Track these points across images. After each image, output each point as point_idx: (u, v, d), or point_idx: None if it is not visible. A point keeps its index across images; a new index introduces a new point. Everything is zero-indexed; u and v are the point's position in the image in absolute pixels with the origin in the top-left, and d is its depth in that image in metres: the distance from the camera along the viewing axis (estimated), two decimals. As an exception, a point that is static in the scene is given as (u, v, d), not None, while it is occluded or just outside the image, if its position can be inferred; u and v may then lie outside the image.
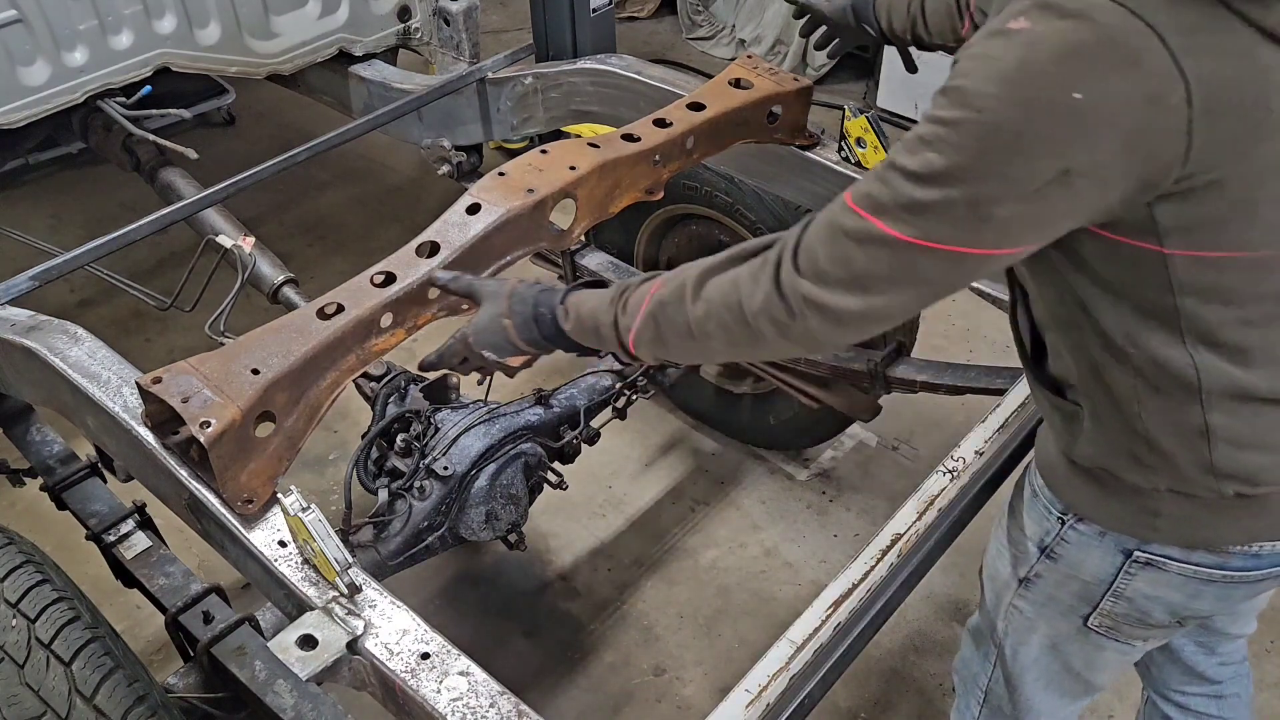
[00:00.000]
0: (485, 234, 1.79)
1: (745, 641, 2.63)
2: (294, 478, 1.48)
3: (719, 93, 2.11)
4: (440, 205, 1.87)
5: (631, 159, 1.95)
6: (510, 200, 1.83)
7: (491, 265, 1.86)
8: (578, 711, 2.48)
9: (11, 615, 1.36)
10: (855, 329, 1.16)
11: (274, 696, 1.30)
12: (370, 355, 1.68)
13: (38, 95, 2.54)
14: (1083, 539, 1.40)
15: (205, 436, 1.41)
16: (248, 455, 1.49)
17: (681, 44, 5.51)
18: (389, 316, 1.70)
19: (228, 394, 1.47)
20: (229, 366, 1.51)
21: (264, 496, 1.49)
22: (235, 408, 1.45)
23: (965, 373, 2.11)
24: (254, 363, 1.52)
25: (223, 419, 1.43)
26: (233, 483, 1.48)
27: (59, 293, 3.61)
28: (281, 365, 1.53)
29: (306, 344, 1.57)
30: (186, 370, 1.50)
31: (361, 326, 1.65)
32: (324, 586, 1.40)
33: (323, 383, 1.61)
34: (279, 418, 1.54)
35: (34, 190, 4.06)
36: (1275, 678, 2.54)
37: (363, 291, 1.69)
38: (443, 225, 1.81)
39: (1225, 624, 1.70)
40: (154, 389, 1.48)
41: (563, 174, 1.87)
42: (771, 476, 3.08)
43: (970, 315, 3.55)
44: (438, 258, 1.75)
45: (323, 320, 1.62)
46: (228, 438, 1.44)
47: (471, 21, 3.00)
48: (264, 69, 2.93)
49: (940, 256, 1.07)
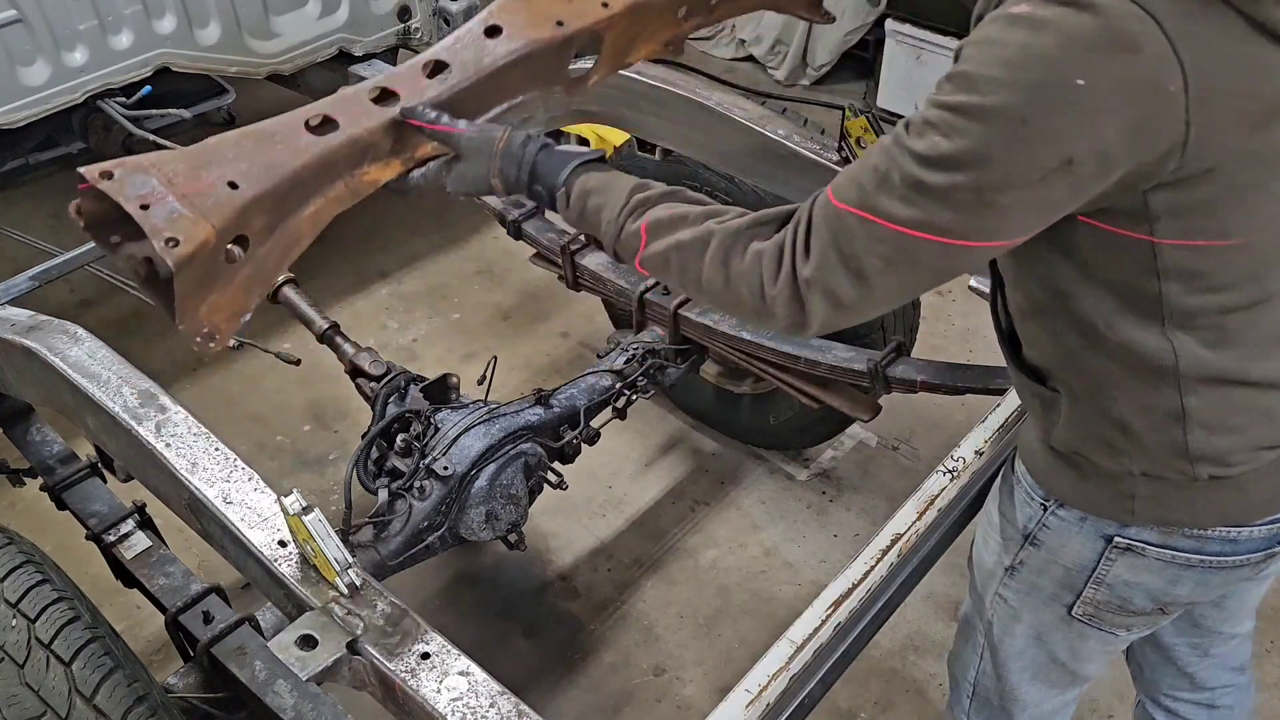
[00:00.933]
0: (503, 65, 1.55)
1: (745, 641, 2.63)
2: (294, 478, 1.48)
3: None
4: (441, 205, 1.85)
5: (661, 4, 1.76)
6: (536, 30, 1.59)
7: (501, 103, 1.61)
8: (578, 711, 2.48)
9: (11, 615, 1.36)
10: (854, 314, 1.17)
11: (274, 696, 1.30)
12: (360, 185, 1.45)
13: (38, 95, 2.54)
14: (1063, 524, 1.41)
15: (173, 258, 1.16)
16: (212, 283, 1.26)
17: (681, 44, 5.50)
18: (387, 141, 1.46)
19: (198, 207, 1.22)
20: (200, 174, 1.26)
21: (227, 334, 1.30)
22: (208, 226, 1.21)
23: (965, 373, 2.11)
24: (231, 174, 1.28)
25: (193, 238, 1.19)
26: (192, 314, 1.25)
27: (59, 293, 3.61)
28: (263, 182, 1.29)
29: (293, 160, 1.34)
30: (145, 168, 1.24)
31: (356, 149, 1.41)
32: (324, 586, 1.40)
33: (305, 210, 1.38)
34: (252, 244, 1.31)
35: (34, 190, 4.05)
36: (1275, 678, 2.54)
37: (359, 106, 1.45)
38: (455, 44, 1.56)
39: (1216, 621, 1.70)
40: (104, 185, 1.21)
41: (595, 8, 1.65)
42: (771, 476, 3.08)
43: (970, 315, 3.55)
44: (446, 81, 1.51)
45: (312, 135, 1.39)
46: (196, 262, 1.20)
47: (471, 21, 3.01)
48: (264, 69, 2.93)
49: (938, 245, 1.08)
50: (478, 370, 2.33)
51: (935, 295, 3.55)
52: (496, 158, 1.37)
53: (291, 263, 1.38)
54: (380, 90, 1.48)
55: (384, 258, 3.94)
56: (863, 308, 1.15)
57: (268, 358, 2.41)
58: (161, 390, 1.67)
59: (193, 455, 1.56)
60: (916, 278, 1.13)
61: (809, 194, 2.04)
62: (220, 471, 1.54)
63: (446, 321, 3.68)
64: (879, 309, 1.17)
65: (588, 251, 2.69)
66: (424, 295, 3.79)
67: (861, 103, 4.72)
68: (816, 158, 2.20)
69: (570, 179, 1.33)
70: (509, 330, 3.63)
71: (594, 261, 2.66)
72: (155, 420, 1.62)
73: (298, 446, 3.16)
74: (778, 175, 2.30)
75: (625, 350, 2.42)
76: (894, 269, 1.11)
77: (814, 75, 5.04)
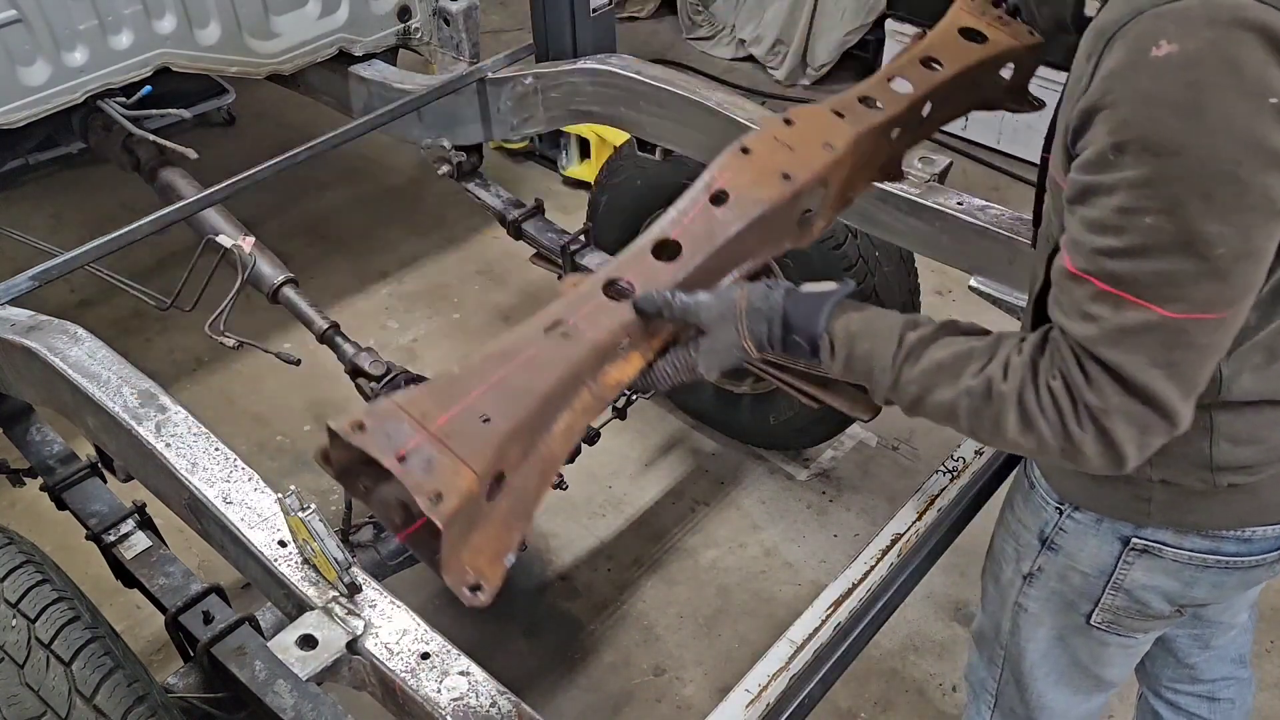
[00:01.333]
0: (735, 234, 1.43)
1: (745, 641, 2.63)
2: (294, 478, 1.48)
3: (952, 46, 1.74)
4: (441, 205, 1.84)
5: (877, 130, 1.62)
6: (765, 189, 1.47)
7: (734, 269, 1.49)
8: (578, 711, 2.48)
9: (11, 615, 1.36)
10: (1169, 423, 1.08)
11: (274, 696, 1.30)
12: (605, 390, 1.33)
13: (38, 95, 2.54)
14: (1080, 528, 1.40)
15: (441, 516, 1.07)
16: (474, 527, 1.17)
17: (681, 44, 5.51)
18: (625, 337, 1.33)
19: (456, 451, 1.12)
20: (449, 408, 1.17)
21: (494, 580, 1.16)
22: (469, 472, 1.11)
23: (965, 373, 2.11)
24: (481, 406, 1.18)
25: (456, 489, 1.09)
26: (457, 564, 1.15)
27: (59, 293, 3.61)
28: (515, 411, 1.19)
29: (540, 380, 1.23)
30: (395, 413, 1.15)
31: (598, 353, 1.30)
32: (324, 586, 1.40)
33: (555, 428, 1.27)
34: (508, 476, 1.21)
35: (34, 190, 4.06)
36: (1275, 678, 2.54)
37: (593, 303, 1.33)
38: (680, 217, 1.43)
39: (1216, 611, 1.70)
40: (357, 439, 1.12)
41: (818, 154, 1.53)
42: (771, 476, 3.08)
43: (970, 315, 3.52)
44: (679, 262, 1.39)
45: (553, 346, 1.28)
46: (462, 513, 1.11)
47: (471, 21, 3.00)
48: (264, 69, 2.93)
49: (1200, 322, 1.02)
50: (478, 370, 2.33)
51: (935, 295, 3.55)
52: (742, 319, 1.28)
53: (549, 487, 1.28)
54: (611, 281, 1.36)
55: (384, 258, 3.94)
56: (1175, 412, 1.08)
57: (268, 358, 2.41)
58: (161, 390, 1.67)
59: (193, 455, 1.56)
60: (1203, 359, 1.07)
61: None
62: (220, 471, 1.54)
63: (446, 321, 3.68)
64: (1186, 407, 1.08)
65: (588, 251, 2.70)
66: (424, 295, 3.79)
67: (861, 103, 4.71)
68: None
69: (830, 324, 1.25)
70: (509, 330, 3.62)
71: (594, 261, 2.67)
72: (155, 420, 1.62)
73: (298, 446, 3.16)
74: (778, 175, 2.29)
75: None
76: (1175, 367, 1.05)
77: (814, 75, 5.04)
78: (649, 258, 1.39)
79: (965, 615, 2.67)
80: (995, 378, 1.13)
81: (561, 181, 4.32)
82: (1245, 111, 0.95)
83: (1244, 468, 1.26)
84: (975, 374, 1.15)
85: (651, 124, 2.50)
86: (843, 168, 1.57)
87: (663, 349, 1.37)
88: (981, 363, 1.16)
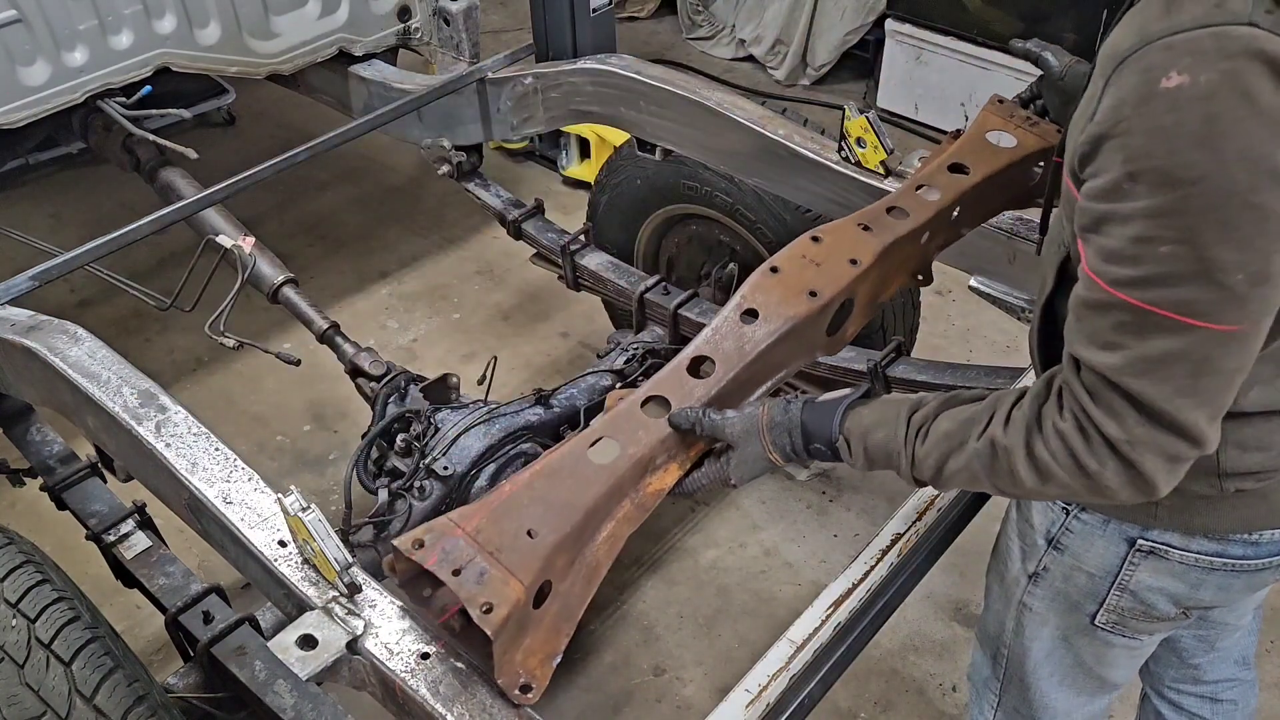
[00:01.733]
0: (764, 349, 1.54)
1: (745, 641, 2.63)
2: (294, 478, 1.48)
3: (979, 151, 1.83)
4: (440, 205, 1.84)
5: (904, 240, 1.71)
6: (793, 306, 1.57)
7: (766, 382, 1.60)
8: (578, 711, 2.48)
9: (11, 615, 1.36)
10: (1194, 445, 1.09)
11: (274, 696, 1.30)
12: (646, 500, 1.44)
13: (38, 95, 2.54)
14: (1086, 528, 1.40)
15: (490, 625, 1.20)
16: (525, 632, 1.29)
17: (681, 44, 5.51)
18: (663, 451, 1.46)
19: (506, 564, 1.25)
20: (500, 524, 1.29)
21: (543, 681, 1.28)
22: (517, 583, 1.24)
23: (965, 373, 2.11)
24: (529, 521, 1.30)
25: (506, 599, 1.22)
26: (509, 667, 1.26)
27: (59, 293, 3.61)
28: (561, 525, 1.31)
29: (584, 494, 1.35)
30: (452, 531, 1.28)
31: (639, 467, 1.41)
32: (324, 586, 1.40)
33: (599, 537, 1.38)
34: (555, 584, 1.33)
35: (34, 190, 4.06)
36: (1275, 678, 2.54)
37: (633, 420, 1.44)
38: (714, 335, 1.55)
39: (1222, 612, 1.70)
40: (417, 555, 1.26)
41: (844, 270, 1.63)
42: (771, 476, 3.07)
43: (970, 315, 3.55)
44: (713, 377, 1.50)
45: (597, 462, 1.39)
46: (511, 621, 1.23)
47: (471, 21, 3.01)
48: (264, 69, 2.93)
49: (1221, 335, 1.03)
50: (478, 370, 2.33)
51: (935, 295, 3.55)
52: (765, 434, 1.37)
53: (594, 593, 1.38)
54: (649, 398, 1.48)
55: (384, 258, 3.95)
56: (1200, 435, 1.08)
57: (268, 358, 2.41)
58: (161, 390, 1.67)
59: (193, 455, 1.56)
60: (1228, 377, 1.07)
61: (809, 194, 2.01)
62: (220, 471, 1.54)
63: (446, 321, 3.68)
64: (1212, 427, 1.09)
65: (588, 251, 2.70)
66: (424, 295, 3.79)
67: (861, 103, 4.72)
68: (816, 158, 2.20)
69: (843, 425, 1.33)
70: (509, 330, 3.63)
71: (594, 261, 2.67)
72: (155, 420, 1.62)
73: (298, 446, 3.16)
74: (778, 175, 2.30)
75: (625, 350, 2.43)
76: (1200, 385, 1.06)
77: (814, 75, 5.04)
78: (684, 374, 1.51)
79: (965, 615, 2.67)
80: (997, 435, 1.18)
81: (561, 181, 4.32)
82: (1262, 139, 0.96)
83: (1252, 474, 1.26)
84: (979, 436, 1.20)
85: (651, 124, 2.50)
86: (868, 280, 1.65)
87: (699, 459, 1.48)
88: (983, 424, 1.20)
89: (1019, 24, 2.81)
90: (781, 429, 1.37)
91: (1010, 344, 3.39)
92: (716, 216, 2.65)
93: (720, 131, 2.35)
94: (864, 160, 2.12)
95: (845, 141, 2.14)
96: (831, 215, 2.21)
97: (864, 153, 2.11)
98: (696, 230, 2.78)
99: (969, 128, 1.89)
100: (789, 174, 2.27)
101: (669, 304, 2.44)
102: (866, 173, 2.12)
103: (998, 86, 4.34)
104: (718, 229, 2.70)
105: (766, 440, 1.38)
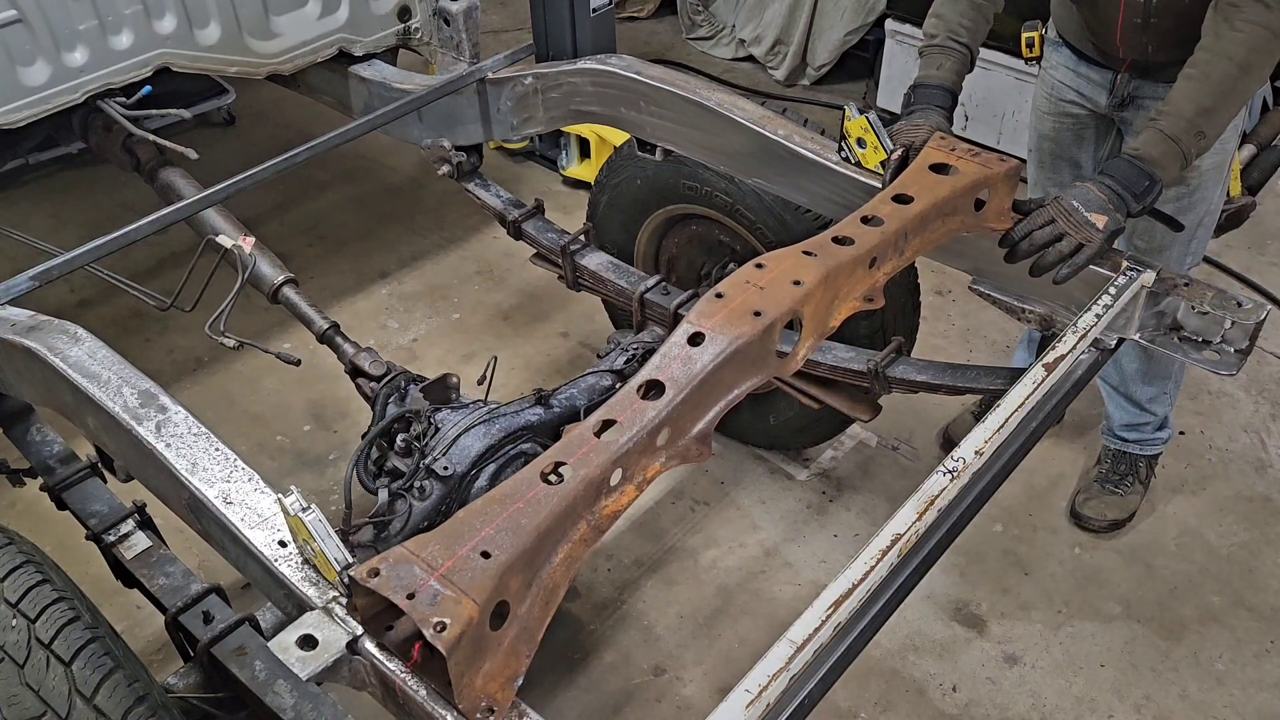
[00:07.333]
0: (711, 370, 1.59)
1: (745, 641, 2.63)
2: (294, 478, 1.48)
3: (923, 181, 1.93)
4: (440, 205, 1.85)
5: (850, 265, 1.78)
6: (737, 327, 1.63)
7: (718, 402, 1.66)
8: (578, 711, 2.48)
9: (12, 615, 1.36)
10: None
11: (274, 696, 1.30)
12: (602, 521, 1.48)
13: (38, 95, 2.54)
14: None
15: (444, 642, 1.21)
16: (484, 654, 1.31)
17: (681, 44, 5.51)
18: (618, 473, 1.49)
19: (459, 585, 1.28)
20: (453, 549, 1.32)
21: (505, 703, 1.30)
22: (470, 602, 1.26)
23: (965, 373, 2.11)
24: (482, 543, 1.33)
25: (459, 618, 1.23)
26: (469, 689, 1.28)
27: (59, 293, 3.61)
28: (513, 545, 1.33)
29: (535, 516, 1.37)
30: (406, 558, 1.31)
31: (591, 488, 1.45)
32: (324, 586, 1.40)
33: (556, 558, 1.42)
34: (513, 606, 1.35)
35: (34, 190, 4.07)
36: (1275, 678, 2.54)
37: (586, 444, 1.49)
38: (663, 360, 1.60)
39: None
40: (372, 583, 1.28)
41: (788, 291, 1.69)
42: (771, 476, 3.08)
43: (970, 315, 3.55)
44: (664, 399, 1.55)
45: (548, 485, 1.43)
46: (465, 639, 1.24)
47: (471, 21, 3.01)
48: (264, 69, 2.93)
49: None
50: (478, 370, 2.33)
51: (935, 295, 3.55)
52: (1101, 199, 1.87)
53: (553, 614, 1.40)
54: (602, 423, 1.51)
55: (384, 258, 3.95)
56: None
57: (268, 358, 2.41)
58: (161, 390, 1.67)
59: (193, 455, 1.56)
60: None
61: (809, 194, 2.07)
62: (220, 471, 1.54)
63: (446, 321, 3.68)
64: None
65: (588, 251, 2.70)
66: (424, 295, 3.79)
67: (861, 103, 4.72)
68: (816, 158, 2.20)
69: (1153, 169, 1.89)
70: (509, 330, 3.63)
71: (594, 261, 2.67)
72: (155, 420, 1.62)
73: (298, 446, 3.16)
74: (778, 175, 2.30)
75: (625, 350, 2.42)
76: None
77: (814, 75, 5.05)
78: (636, 397, 1.55)
79: (965, 615, 2.67)
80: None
81: (561, 181, 4.32)
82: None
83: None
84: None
85: (651, 124, 2.50)
86: (813, 300, 1.72)
87: (652, 478, 1.54)
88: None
89: (1019, 24, 2.82)
90: (1106, 189, 1.86)
91: (1010, 344, 3.39)
92: (716, 216, 2.65)
93: (720, 132, 2.35)
94: (864, 160, 2.12)
95: (845, 142, 2.14)
96: (831, 215, 2.22)
97: (864, 153, 2.11)
98: (696, 230, 2.78)
99: (914, 161, 1.99)
100: (789, 174, 2.27)
101: (669, 304, 2.44)
102: (866, 173, 2.12)
103: (997, 86, 4.36)
104: (718, 229, 2.70)
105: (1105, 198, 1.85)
